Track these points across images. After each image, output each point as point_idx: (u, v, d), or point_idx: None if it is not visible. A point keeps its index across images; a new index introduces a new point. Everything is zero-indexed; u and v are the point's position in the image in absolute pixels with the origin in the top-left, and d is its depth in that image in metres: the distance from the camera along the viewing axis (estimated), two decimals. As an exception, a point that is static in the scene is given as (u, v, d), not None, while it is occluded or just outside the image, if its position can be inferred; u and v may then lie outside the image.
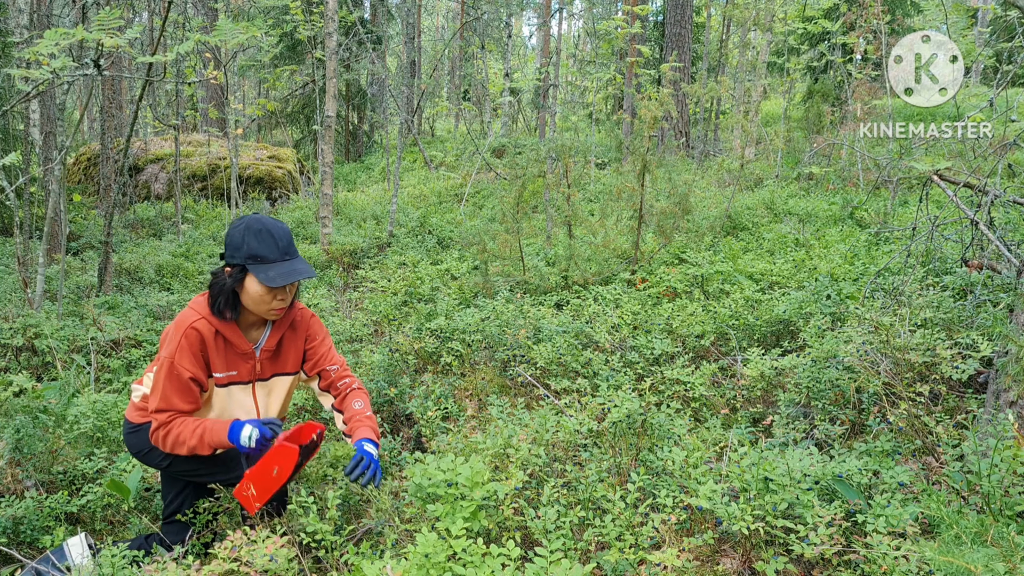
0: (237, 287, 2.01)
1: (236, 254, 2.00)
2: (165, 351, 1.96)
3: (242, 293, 2.02)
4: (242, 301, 2.02)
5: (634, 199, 4.84)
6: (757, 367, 2.78)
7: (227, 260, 2.03)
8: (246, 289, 2.01)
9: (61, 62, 2.62)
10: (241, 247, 2.00)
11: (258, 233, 2.00)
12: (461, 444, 2.19)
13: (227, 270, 2.02)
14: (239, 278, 2.01)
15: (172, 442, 1.96)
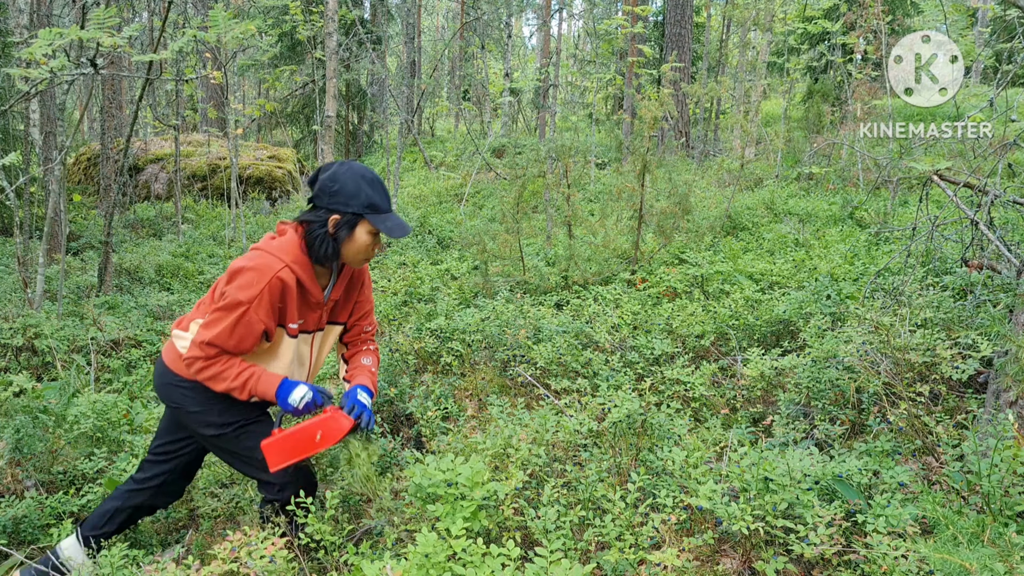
0: (343, 235, 1.97)
1: (352, 202, 1.95)
2: (243, 294, 1.86)
3: (346, 242, 1.98)
4: (341, 250, 1.99)
5: (634, 199, 4.84)
6: (757, 367, 2.78)
7: (337, 207, 1.95)
8: (353, 238, 1.98)
9: (59, 62, 2.62)
10: (358, 195, 1.96)
11: (372, 183, 1.98)
12: (461, 444, 2.19)
13: (335, 217, 1.95)
14: (352, 225, 1.97)
15: (210, 376, 1.91)
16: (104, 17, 2.63)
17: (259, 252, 1.93)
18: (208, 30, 2.82)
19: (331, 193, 1.95)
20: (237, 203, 7.98)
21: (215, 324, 1.88)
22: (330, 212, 1.96)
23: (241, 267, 1.89)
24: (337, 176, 1.96)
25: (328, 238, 1.97)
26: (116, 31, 2.70)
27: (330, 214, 1.96)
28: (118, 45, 2.70)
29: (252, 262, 1.89)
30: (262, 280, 1.87)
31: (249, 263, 1.89)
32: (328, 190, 1.96)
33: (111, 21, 2.65)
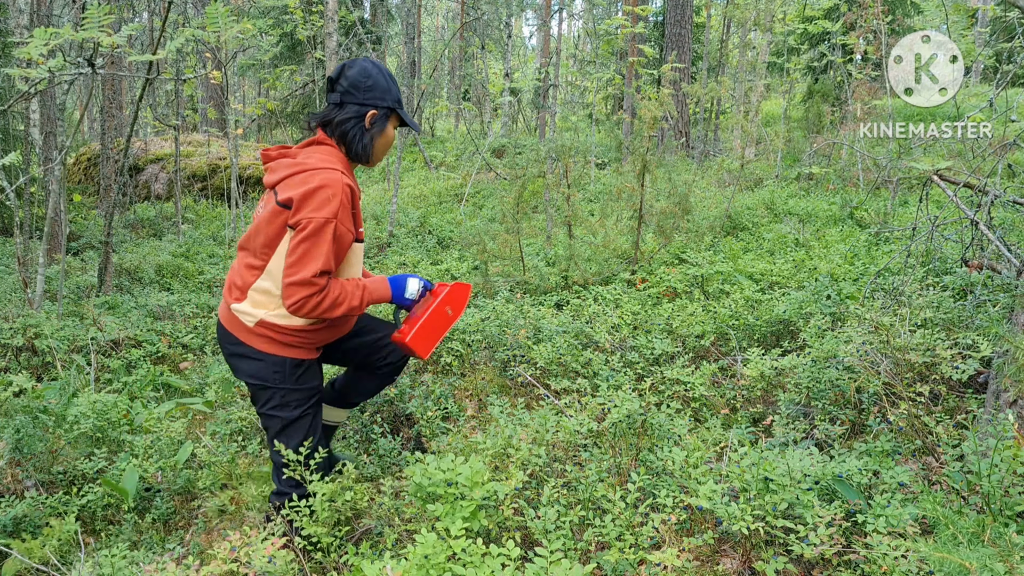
0: (377, 130, 1.98)
1: (386, 96, 1.97)
2: (326, 211, 1.81)
3: (379, 136, 2.00)
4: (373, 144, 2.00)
5: (634, 199, 4.84)
6: (757, 367, 2.78)
7: (373, 103, 1.95)
8: (385, 132, 2.00)
9: (57, 61, 2.61)
10: (390, 90, 1.97)
11: (394, 79, 1.98)
12: (461, 444, 2.19)
13: (372, 112, 1.95)
14: (384, 120, 1.99)
15: (328, 305, 1.88)
16: (99, 16, 2.62)
17: (314, 170, 1.87)
18: (206, 28, 2.82)
19: (366, 88, 1.94)
20: (237, 203, 7.98)
21: (312, 253, 1.82)
22: (365, 107, 1.95)
23: (309, 190, 1.83)
24: (369, 72, 1.95)
25: (365, 133, 1.97)
26: (115, 30, 2.69)
27: (366, 109, 1.95)
28: (117, 45, 2.70)
29: (316, 180, 1.84)
30: (335, 191, 1.83)
31: (314, 183, 1.83)
32: (362, 85, 1.94)
33: (107, 19, 2.64)
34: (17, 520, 2.26)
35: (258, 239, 1.94)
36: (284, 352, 1.97)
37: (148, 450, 2.63)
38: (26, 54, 2.50)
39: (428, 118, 21.27)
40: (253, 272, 1.95)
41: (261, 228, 1.93)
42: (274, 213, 1.88)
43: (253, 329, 1.95)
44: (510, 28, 16.95)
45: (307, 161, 1.91)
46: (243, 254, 2.00)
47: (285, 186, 1.88)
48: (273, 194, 1.91)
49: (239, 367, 2.02)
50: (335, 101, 1.98)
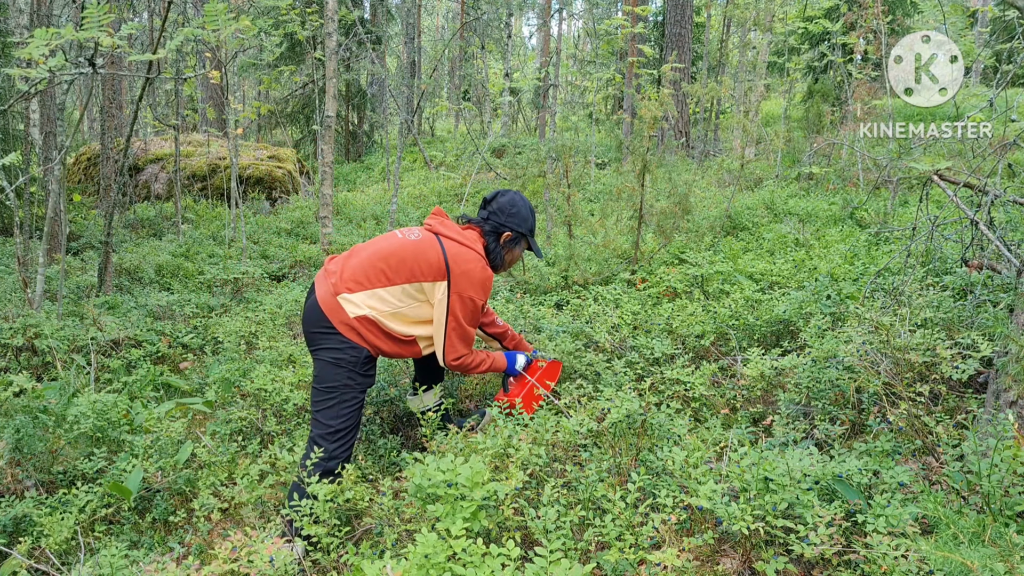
0: (508, 248, 2.52)
1: (523, 225, 2.50)
2: (481, 294, 2.36)
3: (508, 253, 2.54)
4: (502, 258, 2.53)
5: (634, 199, 4.84)
6: (757, 367, 2.78)
7: (511, 227, 2.48)
8: (514, 251, 2.55)
9: (57, 61, 2.61)
10: (527, 220, 2.51)
11: (533, 212, 2.54)
12: (461, 444, 2.19)
13: (507, 235, 2.48)
14: (515, 243, 2.52)
15: (474, 364, 2.47)
16: (99, 15, 2.62)
17: (473, 253, 2.38)
18: (205, 26, 2.81)
19: (509, 214, 2.48)
20: (237, 203, 7.98)
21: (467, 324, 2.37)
22: (504, 228, 2.48)
23: (470, 269, 2.34)
24: (516, 203, 2.50)
25: (500, 248, 2.49)
26: (115, 30, 2.69)
27: (505, 229, 2.48)
28: (117, 45, 2.70)
29: (476, 265, 2.36)
30: (485, 280, 2.38)
31: (475, 265, 2.35)
32: (507, 211, 2.48)
33: (106, 19, 2.64)
34: (17, 520, 2.26)
35: (408, 263, 2.33)
36: (364, 344, 2.30)
37: (148, 450, 2.63)
38: (27, 54, 2.50)
39: (428, 118, 21.26)
40: (382, 280, 2.32)
41: (413, 256, 2.33)
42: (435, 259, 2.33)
43: (350, 320, 2.28)
44: (510, 28, 16.94)
45: (475, 245, 2.43)
46: (375, 260, 2.34)
47: (453, 248, 2.36)
48: (438, 241, 2.37)
49: (320, 344, 2.31)
50: (484, 216, 2.52)
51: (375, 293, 2.30)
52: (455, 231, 2.41)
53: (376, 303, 2.30)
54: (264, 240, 7.92)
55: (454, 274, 2.32)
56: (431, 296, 2.35)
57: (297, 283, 5.94)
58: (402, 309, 2.33)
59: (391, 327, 2.32)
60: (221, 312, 5.06)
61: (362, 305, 2.29)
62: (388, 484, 2.01)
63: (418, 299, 2.34)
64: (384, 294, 2.30)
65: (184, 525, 2.44)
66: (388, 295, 2.31)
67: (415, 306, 2.34)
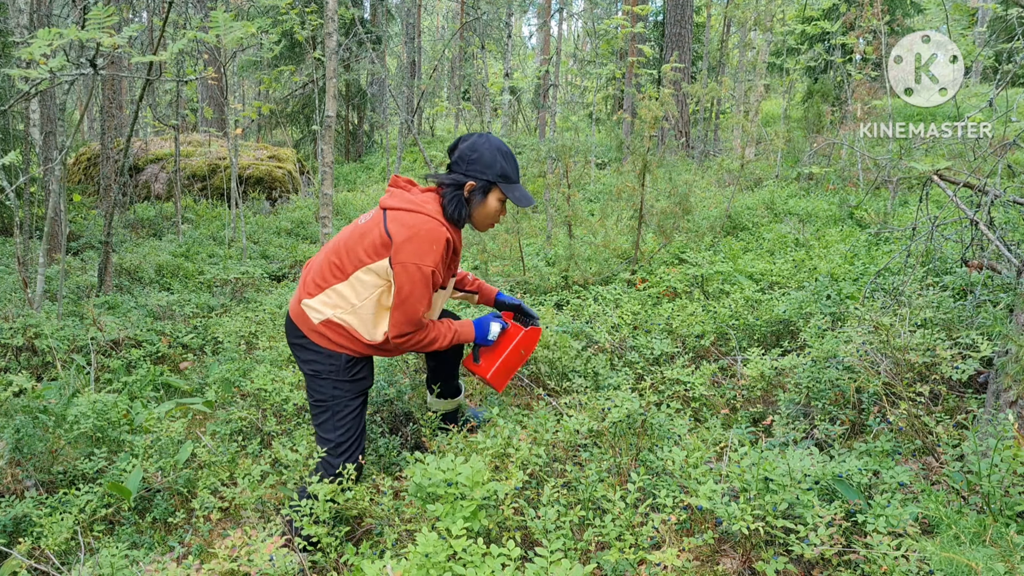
0: (476, 200, 2.18)
1: (488, 171, 2.15)
2: (427, 260, 2.04)
3: (477, 206, 2.19)
4: (472, 213, 2.21)
5: (634, 199, 4.84)
6: (757, 367, 2.78)
7: (473, 175, 2.15)
8: (485, 203, 2.19)
9: (58, 62, 2.61)
10: (493, 165, 2.15)
11: (506, 156, 2.17)
12: (461, 444, 2.19)
13: (470, 184, 2.14)
14: (483, 193, 2.18)
15: (427, 342, 2.18)
16: (103, 17, 2.62)
17: (419, 215, 2.08)
18: (208, 31, 2.82)
19: (469, 161, 2.15)
20: (237, 203, 7.98)
21: (412, 297, 2.06)
22: (467, 178, 2.15)
23: (413, 234, 2.05)
24: (476, 146, 2.16)
25: (462, 201, 2.16)
26: (116, 31, 2.69)
27: (467, 179, 2.15)
28: (118, 45, 2.70)
29: (421, 228, 2.06)
30: (437, 243, 2.06)
31: (418, 229, 2.05)
32: (467, 158, 2.15)
33: (110, 21, 2.64)
34: (17, 520, 2.26)
35: (354, 249, 2.11)
36: (339, 350, 2.16)
37: (148, 450, 2.63)
38: (28, 54, 2.50)
39: (428, 118, 21.26)
40: (336, 275, 2.13)
41: (358, 240, 2.12)
42: (378, 235, 2.08)
43: (316, 327, 2.15)
44: (510, 28, 16.95)
45: (424, 205, 2.12)
46: (330, 255, 2.17)
47: (395, 218, 2.09)
48: (383, 215, 2.12)
49: (299, 356, 2.22)
50: (448, 167, 2.22)
51: (334, 290, 2.14)
52: (403, 199, 2.14)
53: (337, 301, 2.13)
54: (264, 240, 7.92)
55: (396, 244, 2.05)
56: (389, 278, 2.11)
57: (297, 283, 5.95)
58: (363, 305, 2.12)
59: (358, 331, 2.14)
60: (221, 312, 5.06)
61: (322, 308, 2.14)
62: (388, 484, 2.01)
63: (376, 285, 2.11)
64: (342, 289, 2.13)
65: (184, 525, 2.44)
66: (345, 290, 2.13)
67: (374, 296, 2.12)
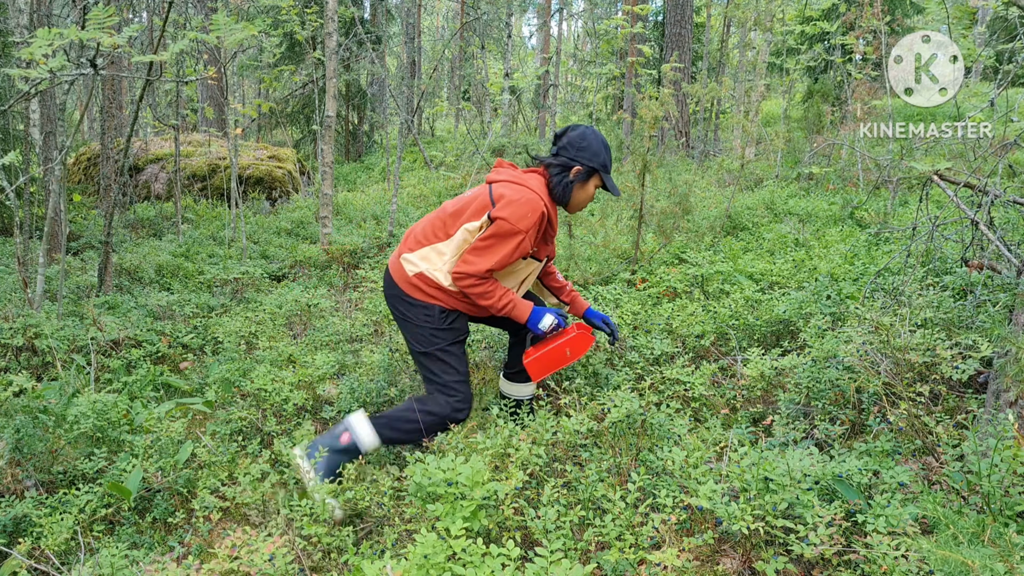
0: (579, 183, 2.41)
1: (594, 159, 2.39)
2: (522, 224, 2.23)
3: (579, 189, 2.42)
4: (573, 194, 2.42)
5: (634, 199, 4.84)
6: (757, 367, 2.78)
7: (580, 160, 2.37)
8: (585, 187, 2.43)
9: (59, 62, 2.61)
10: (600, 154, 2.39)
11: (608, 148, 2.43)
12: (461, 444, 2.19)
13: (577, 168, 2.37)
14: (586, 177, 2.41)
15: (478, 293, 2.30)
16: (103, 17, 2.62)
17: (523, 188, 2.30)
18: (210, 32, 2.82)
19: (579, 148, 2.38)
20: (237, 203, 7.98)
21: (492, 249, 2.25)
22: (573, 162, 2.38)
23: (516, 199, 2.24)
24: (586, 135, 2.39)
25: (568, 183, 2.39)
26: (116, 31, 2.69)
27: (573, 163, 2.38)
28: (118, 45, 2.70)
29: (523, 196, 2.26)
30: (535, 213, 2.26)
31: (521, 197, 2.25)
32: (577, 144, 2.38)
33: (110, 21, 2.64)
34: (17, 520, 2.26)
35: (459, 213, 2.34)
36: (432, 300, 2.36)
37: (148, 450, 2.63)
38: (28, 54, 2.50)
39: (428, 118, 21.25)
40: (439, 235, 2.35)
41: (463, 206, 2.34)
42: (483, 201, 2.31)
43: (410, 279, 2.35)
44: (510, 28, 16.94)
45: (523, 178, 2.36)
46: (434, 219, 2.40)
47: (501, 186, 2.32)
48: (488, 188, 2.35)
49: (396, 308, 2.42)
50: (554, 152, 2.44)
51: (434, 248, 2.35)
52: (509, 174, 2.38)
53: (433, 257, 2.34)
54: (264, 240, 7.92)
55: (498, 206, 2.27)
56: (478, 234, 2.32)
57: (297, 283, 5.94)
58: (452, 258, 2.33)
59: (442, 281, 2.34)
60: (221, 312, 5.06)
61: (418, 262, 2.35)
62: (388, 484, 2.01)
63: (468, 241, 2.32)
64: (442, 247, 2.34)
65: (184, 525, 2.44)
66: (446, 248, 2.33)
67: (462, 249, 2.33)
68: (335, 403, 3.03)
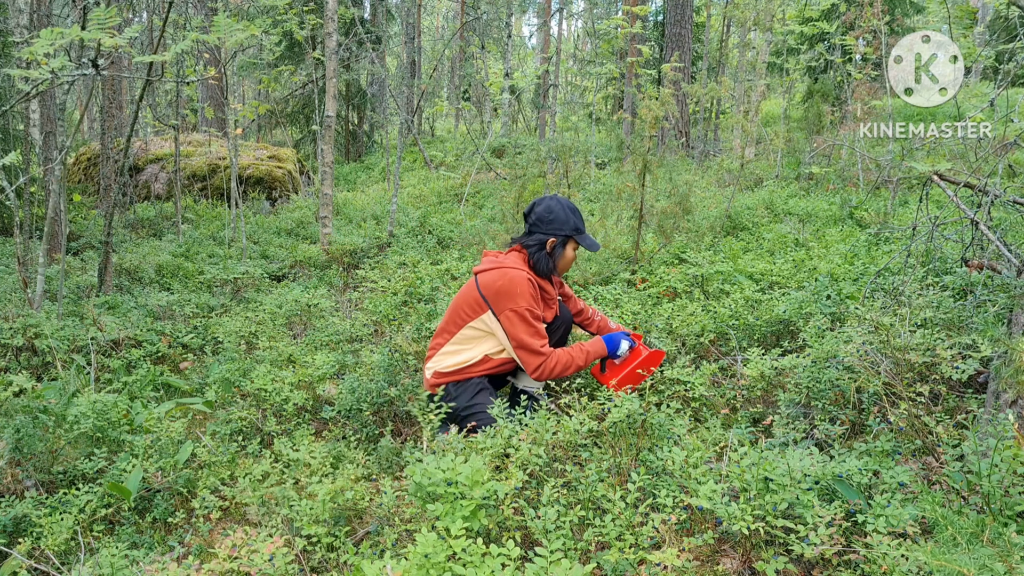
0: (558, 253, 2.61)
1: (564, 228, 2.58)
2: (521, 303, 2.45)
3: (559, 258, 2.63)
4: (556, 264, 2.63)
5: (634, 199, 4.84)
6: (757, 367, 2.78)
7: (552, 232, 2.58)
8: (564, 254, 2.63)
9: (60, 62, 2.61)
10: (568, 221, 2.59)
11: (574, 211, 2.61)
12: (461, 444, 2.19)
13: (551, 241, 2.58)
14: (563, 246, 2.61)
15: (560, 367, 2.51)
16: (104, 17, 2.62)
17: (504, 269, 2.52)
18: (210, 32, 2.82)
19: (548, 222, 2.58)
20: (237, 203, 7.98)
21: (526, 338, 2.47)
22: (547, 236, 2.58)
23: (502, 286, 2.47)
24: (552, 208, 2.59)
25: (547, 257, 2.60)
26: (117, 31, 2.69)
27: (547, 237, 2.58)
28: (119, 46, 2.70)
29: (503, 280, 2.48)
30: (525, 287, 2.48)
31: (506, 280, 2.48)
32: (545, 219, 2.58)
33: (112, 21, 2.64)
34: (17, 520, 2.26)
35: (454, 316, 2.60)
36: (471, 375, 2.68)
37: (148, 450, 2.63)
38: (30, 54, 2.50)
39: (428, 118, 21.26)
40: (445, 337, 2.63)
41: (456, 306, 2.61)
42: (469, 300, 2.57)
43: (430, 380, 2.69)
44: (510, 28, 16.94)
45: (506, 262, 2.57)
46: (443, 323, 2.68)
47: (482, 277, 2.55)
48: (474, 278, 2.59)
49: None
50: (527, 231, 2.63)
51: (443, 351, 2.61)
52: (491, 261, 2.60)
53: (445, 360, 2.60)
54: (264, 240, 7.92)
55: (491, 299, 2.49)
56: (490, 329, 2.55)
57: (297, 283, 5.94)
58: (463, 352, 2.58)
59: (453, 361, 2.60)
60: (221, 312, 5.06)
61: (431, 367, 2.62)
62: (388, 484, 2.01)
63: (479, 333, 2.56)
64: (449, 348, 2.61)
65: (184, 525, 2.44)
66: (451, 347, 2.60)
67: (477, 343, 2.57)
68: (335, 403, 3.03)
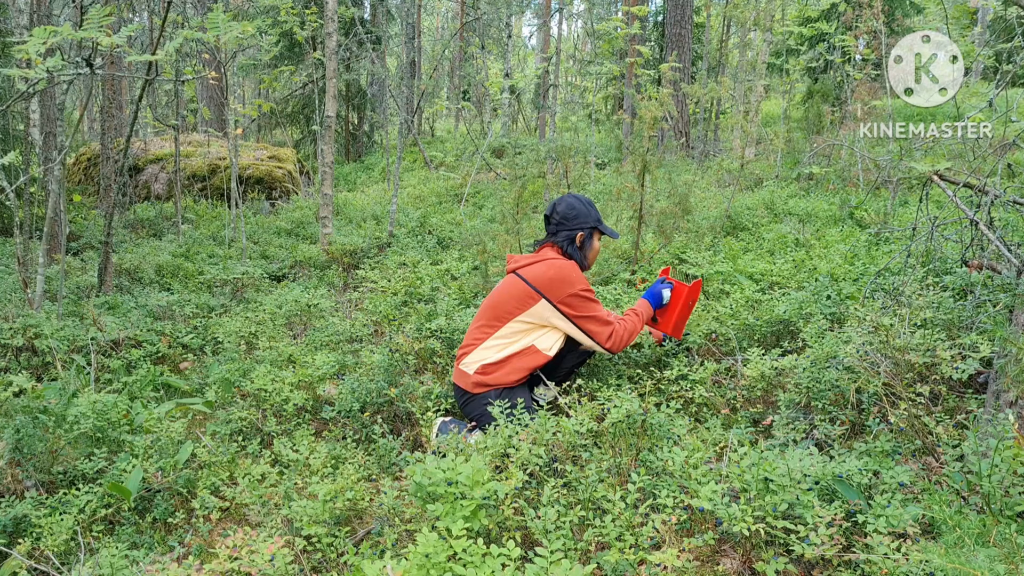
0: (587, 245, 2.75)
1: (588, 220, 2.73)
2: (579, 285, 2.57)
3: (589, 250, 2.77)
4: (586, 256, 2.77)
5: (634, 199, 4.84)
6: (757, 367, 2.78)
7: (579, 226, 2.71)
8: (592, 246, 2.78)
9: (55, 61, 2.61)
10: (590, 214, 2.74)
11: (591, 204, 2.75)
12: (461, 444, 2.19)
13: (580, 235, 2.71)
14: (591, 237, 2.76)
15: (628, 333, 2.67)
16: (100, 16, 2.62)
17: (551, 261, 2.63)
18: (207, 31, 2.82)
19: (573, 218, 2.71)
20: (237, 203, 7.98)
21: (595, 314, 2.60)
22: (575, 231, 2.71)
23: (554, 275, 2.57)
24: (573, 205, 2.72)
25: (577, 251, 2.72)
26: (114, 31, 2.69)
27: (575, 232, 2.71)
28: (116, 45, 2.70)
29: (556, 271, 2.59)
30: (575, 272, 2.60)
31: (556, 269, 2.59)
32: (570, 216, 2.71)
33: (107, 20, 2.64)
34: (17, 520, 2.26)
35: (498, 310, 2.65)
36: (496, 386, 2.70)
37: (148, 450, 2.63)
38: (24, 53, 2.49)
39: (428, 118, 21.25)
40: (487, 333, 2.67)
41: (499, 302, 2.66)
42: (515, 293, 2.63)
43: (473, 378, 2.68)
44: (510, 28, 16.94)
45: (546, 255, 2.69)
46: (478, 320, 2.73)
47: (527, 271, 2.63)
48: (514, 275, 2.66)
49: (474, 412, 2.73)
50: (552, 232, 2.75)
51: (485, 346, 2.63)
52: (529, 257, 2.68)
53: (487, 354, 2.62)
54: (264, 240, 7.92)
55: (545, 289, 2.56)
56: (541, 320, 2.61)
57: (297, 283, 5.94)
58: (510, 346, 2.62)
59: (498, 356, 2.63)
60: (221, 312, 5.06)
61: (472, 363, 2.63)
62: (388, 484, 2.01)
63: (526, 326, 2.61)
64: (491, 343, 2.63)
65: (184, 525, 2.44)
66: (495, 341, 2.63)
67: (523, 336, 2.62)
68: (335, 403, 3.03)
